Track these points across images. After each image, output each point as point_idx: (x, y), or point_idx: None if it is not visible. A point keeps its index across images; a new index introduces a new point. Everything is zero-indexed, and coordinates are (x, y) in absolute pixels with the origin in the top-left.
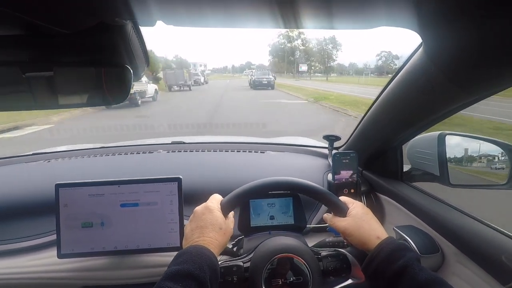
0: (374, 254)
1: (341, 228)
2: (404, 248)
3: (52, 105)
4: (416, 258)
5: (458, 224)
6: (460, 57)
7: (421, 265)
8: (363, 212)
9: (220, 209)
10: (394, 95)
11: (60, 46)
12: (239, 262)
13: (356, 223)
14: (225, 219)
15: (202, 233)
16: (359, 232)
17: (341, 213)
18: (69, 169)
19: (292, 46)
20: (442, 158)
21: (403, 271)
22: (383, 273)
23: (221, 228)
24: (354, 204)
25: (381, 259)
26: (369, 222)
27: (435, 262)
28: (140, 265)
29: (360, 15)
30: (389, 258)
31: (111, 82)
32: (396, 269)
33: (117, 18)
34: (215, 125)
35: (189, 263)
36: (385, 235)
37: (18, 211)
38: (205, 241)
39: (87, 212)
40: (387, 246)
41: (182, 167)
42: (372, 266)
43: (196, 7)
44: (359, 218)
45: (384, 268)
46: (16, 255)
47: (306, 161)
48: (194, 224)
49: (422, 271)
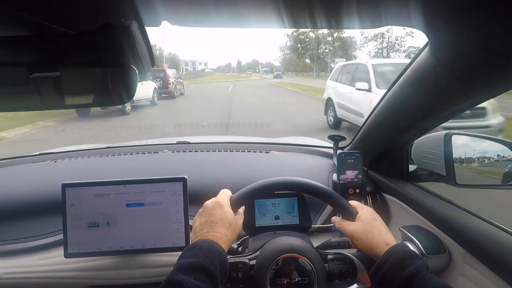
0: (383, 260)
1: (349, 232)
2: (413, 256)
3: (59, 105)
4: (425, 266)
5: (465, 224)
6: (467, 56)
7: (430, 274)
8: (373, 217)
9: (229, 204)
10: (400, 94)
11: (66, 47)
12: (245, 259)
13: (365, 228)
14: (234, 215)
15: (212, 228)
16: (367, 237)
17: (350, 217)
18: (76, 169)
19: (318, 36)
20: (449, 158)
21: (412, 279)
22: (391, 280)
23: (231, 224)
24: (364, 209)
25: (389, 266)
26: (378, 228)
27: (442, 262)
28: (146, 265)
29: (367, 14)
30: (398, 266)
31: (117, 82)
32: (404, 276)
33: (123, 19)
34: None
35: (201, 256)
36: (394, 241)
37: (25, 210)
38: (215, 236)
39: (93, 212)
40: (396, 253)
41: (187, 167)
42: (380, 272)
43: (202, 7)
44: (368, 223)
45: (393, 275)
46: (24, 254)
47: (311, 161)
48: (204, 218)
49: (431, 279)
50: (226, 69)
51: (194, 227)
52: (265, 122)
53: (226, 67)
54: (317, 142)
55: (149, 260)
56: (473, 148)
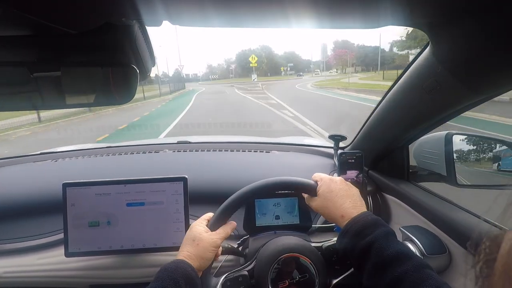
0: (343, 232)
1: (312, 208)
2: (373, 224)
3: (60, 105)
4: (385, 233)
5: (465, 225)
6: (468, 56)
7: (390, 241)
8: (328, 190)
9: (202, 224)
10: (401, 94)
11: (67, 46)
12: (243, 271)
13: (322, 203)
14: (203, 231)
15: (181, 250)
16: (326, 212)
17: (311, 192)
18: (76, 169)
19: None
20: (449, 158)
21: (369, 247)
22: (352, 251)
23: (194, 240)
24: (322, 181)
25: (349, 238)
26: (334, 200)
27: (442, 262)
28: (146, 264)
29: (368, 14)
30: (357, 236)
31: (118, 82)
32: (362, 246)
33: (124, 18)
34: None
35: (165, 279)
36: (350, 213)
37: (26, 210)
38: (184, 255)
39: (94, 211)
40: (356, 223)
41: (188, 166)
42: (342, 244)
43: (203, 7)
44: (324, 198)
45: (353, 246)
46: (25, 253)
47: (312, 161)
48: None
49: (389, 246)
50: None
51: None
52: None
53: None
54: (317, 142)
55: (150, 259)
56: (474, 148)
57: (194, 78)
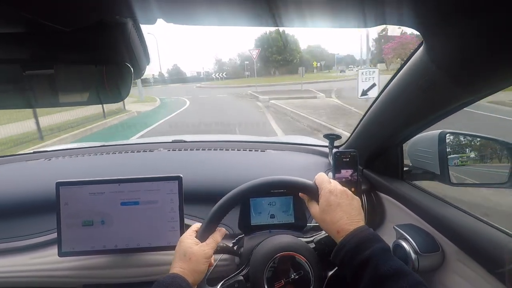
0: (342, 245)
1: (312, 214)
2: (370, 240)
3: (53, 103)
4: (382, 249)
5: (458, 223)
6: (461, 56)
7: (387, 257)
8: (327, 203)
9: (191, 236)
10: (395, 94)
11: (60, 44)
12: (239, 277)
13: (320, 215)
14: (193, 244)
15: (173, 266)
16: (324, 225)
17: (313, 196)
18: (70, 168)
19: None
20: (443, 157)
21: (366, 263)
22: (349, 264)
23: (185, 254)
24: (321, 191)
25: (346, 252)
26: (331, 214)
27: (435, 260)
28: (141, 264)
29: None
30: (355, 250)
31: (112, 80)
32: (359, 261)
33: (118, 16)
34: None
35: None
36: (346, 229)
37: (19, 209)
38: (177, 270)
39: (88, 210)
40: (354, 237)
41: (183, 165)
42: (339, 256)
43: (198, 5)
44: (322, 210)
45: (350, 259)
46: (17, 253)
47: (306, 160)
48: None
49: (386, 263)
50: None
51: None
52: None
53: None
54: (312, 141)
55: (144, 258)
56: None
57: (194, 78)
